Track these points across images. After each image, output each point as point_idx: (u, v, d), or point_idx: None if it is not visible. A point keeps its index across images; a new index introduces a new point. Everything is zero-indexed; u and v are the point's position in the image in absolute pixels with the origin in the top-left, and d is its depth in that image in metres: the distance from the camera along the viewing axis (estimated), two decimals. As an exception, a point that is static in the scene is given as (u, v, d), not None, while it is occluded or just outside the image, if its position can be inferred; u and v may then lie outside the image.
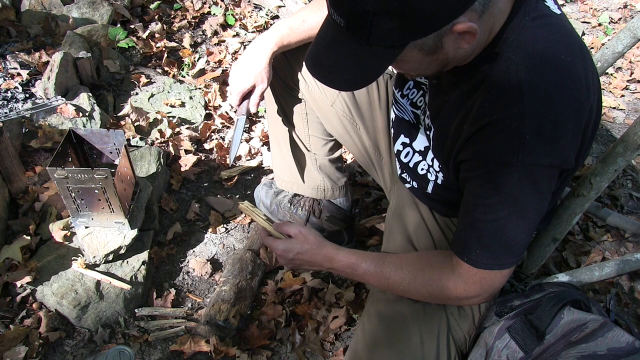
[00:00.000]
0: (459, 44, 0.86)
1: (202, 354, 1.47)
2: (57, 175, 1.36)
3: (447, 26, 0.80)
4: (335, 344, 1.54)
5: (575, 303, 1.08)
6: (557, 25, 0.93)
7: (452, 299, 1.05)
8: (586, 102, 0.91)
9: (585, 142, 0.97)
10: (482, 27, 0.85)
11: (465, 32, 0.82)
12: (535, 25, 0.89)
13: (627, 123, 2.73)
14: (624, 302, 1.76)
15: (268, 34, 1.31)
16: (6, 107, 1.89)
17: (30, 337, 1.40)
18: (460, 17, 0.80)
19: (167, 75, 2.47)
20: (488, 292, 1.02)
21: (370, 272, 1.10)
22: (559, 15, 0.94)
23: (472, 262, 0.98)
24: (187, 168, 2.01)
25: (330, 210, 1.72)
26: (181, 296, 1.61)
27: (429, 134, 1.12)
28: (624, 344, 0.97)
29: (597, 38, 3.42)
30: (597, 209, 1.81)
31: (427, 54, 0.87)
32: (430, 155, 1.15)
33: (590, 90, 0.92)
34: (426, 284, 1.05)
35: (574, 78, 0.89)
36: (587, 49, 0.97)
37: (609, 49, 1.60)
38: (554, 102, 0.87)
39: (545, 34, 0.90)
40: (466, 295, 1.02)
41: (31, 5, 2.39)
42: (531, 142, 0.87)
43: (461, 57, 0.92)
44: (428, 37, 0.82)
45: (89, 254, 1.49)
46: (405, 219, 1.30)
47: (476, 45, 0.89)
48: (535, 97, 0.87)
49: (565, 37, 0.92)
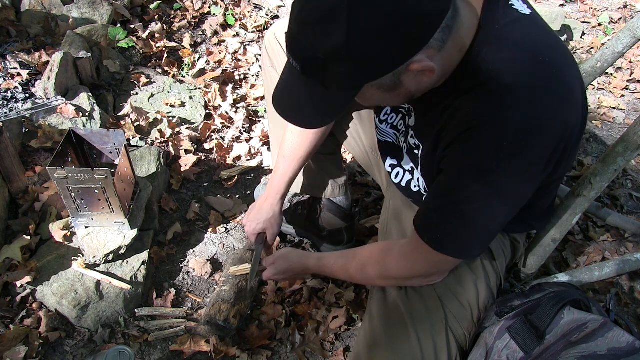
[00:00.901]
0: (419, 79, 0.87)
1: (202, 354, 1.47)
2: (57, 175, 1.36)
3: (402, 66, 0.81)
4: (335, 344, 1.54)
5: (575, 303, 1.08)
6: (529, 26, 0.92)
7: (402, 273, 1.11)
8: (569, 101, 0.90)
9: (572, 143, 0.96)
10: (445, 57, 0.86)
11: (423, 69, 0.83)
12: (506, 31, 0.89)
13: (627, 123, 2.73)
14: (624, 302, 1.76)
15: (269, 189, 1.49)
16: (6, 107, 1.89)
17: (30, 337, 1.40)
18: (416, 56, 0.81)
19: (167, 75, 2.47)
20: (438, 273, 1.09)
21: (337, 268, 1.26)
22: (529, 16, 0.94)
23: (432, 243, 1.00)
24: (187, 168, 2.01)
25: (330, 209, 1.72)
26: (181, 296, 1.61)
27: (417, 153, 1.11)
28: (624, 344, 0.97)
29: (597, 38, 3.42)
30: (597, 209, 1.80)
31: (386, 91, 0.88)
32: (417, 174, 1.15)
33: (573, 89, 0.91)
34: (375, 264, 1.14)
35: (548, 82, 0.88)
36: (562, 44, 0.97)
37: (609, 49, 1.60)
38: (535, 106, 0.87)
39: (518, 37, 0.90)
40: (417, 273, 1.08)
41: (31, 5, 2.39)
42: (509, 149, 0.87)
43: (427, 87, 0.93)
44: (384, 77, 0.83)
45: (89, 254, 1.49)
46: (403, 219, 1.29)
47: (446, 69, 0.90)
48: (516, 104, 0.86)
49: (537, 38, 0.92)
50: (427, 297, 1.13)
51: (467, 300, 1.14)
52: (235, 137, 2.23)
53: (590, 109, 2.81)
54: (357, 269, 1.21)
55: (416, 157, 1.12)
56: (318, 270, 1.34)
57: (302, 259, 1.37)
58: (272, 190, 1.48)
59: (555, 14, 3.12)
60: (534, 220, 1.25)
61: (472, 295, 1.15)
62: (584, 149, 2.48)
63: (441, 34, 0.81)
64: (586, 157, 2.41)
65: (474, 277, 1.16)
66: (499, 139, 0.87)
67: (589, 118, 2.72)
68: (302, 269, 1.37)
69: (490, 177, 0.90)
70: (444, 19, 0.80)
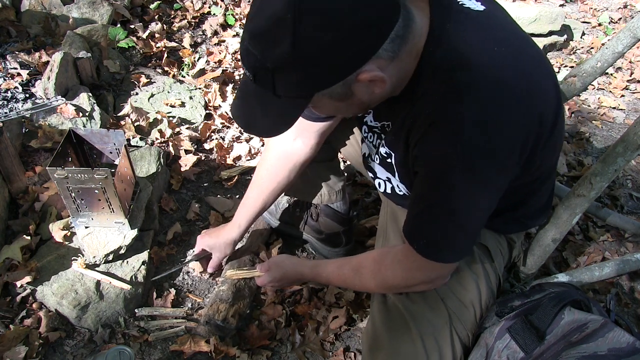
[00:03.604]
0: (370, 89, 0.88)
1: (202, 354, 1.47)
2: (57, 175, 1.36)
3: (352, 76, 0.83)
4: (335, 344, 1.54)
5: (575, 303, 1.08)
6: (481, 23, 0.93)
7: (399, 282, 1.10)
8: (528, 92, 0.90)
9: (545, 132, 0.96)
10: (400, 66, 0.88)
11: (372, 79, 0.84)
12: (457, 30, 0.90)
13: (627, 123, 2.73)
14: (624, 302, 1.76)
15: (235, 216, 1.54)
16: (6, 107, 1.89)
17: (30, 337, 1.40)
18: (365, 66, 0.82)
19: (167, 75, 2.47)
20: (436, 281, 1.09)
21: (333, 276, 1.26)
22: (483, 12, 0.94)
23: (424, 253, 1.00)
24: (187, 168, 2.01)
25: (327, 214, 1.72)
26: (181, 296, 1.61)
27: (390, 161, 1.12)
28: (625, 344, 0.97)
29: (597, 38, 3.42)
30: (597, 209, 1.81)
31: (338, 100, 0.89)
32: (395, 182, 1.16)
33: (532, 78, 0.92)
34: (372, 275, 1.14)
35: (510, 74, 0.89)
36: (520, 35, 0.98)
37: (609, 49, 1.60)
38: (493, 97, 0.88)
39: (471, 34, 0.91)
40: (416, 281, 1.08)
41: (31, 5, 2.39)
42: (472, 143, 0.87)
43: (382, 97, 0.94)
44: (334, 86, 0.84)
45: (89, 254, 1.49)
46: (399, 221, 1.29)
47: (402, 76, 0.91)
48: (474, 99, 0.87)
49: (491, 32, 0.93)
50: (430, 299, 1.13)
51: (470, 301, 1.14)
52: (235, 137, 2.23)
53: (590, 109, 2.81)
54: (354, 279, 1.21)
55: (390, 165, 1.12)
56: (312, 278, 1.35)
57: (297, 267, 1.37)
58: (235, 220, 1.53)
59: (555, 14, 3.12)
60: (528, 219, 1.25)
61: (475, 296, 1.15)
62: (584, 149, 2.48)
63: (391, 45, 0.82)
64: (586, 157, 2.41)
65: (475, 277, 1.16)
66: (459, 132, 0.87)
67: (589, 118, 2.72)
68: (297, 277, 1.38)
69: (457, 170, 0.91)
70: (393, 30, 0.81)
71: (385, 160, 1.14)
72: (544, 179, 1.13)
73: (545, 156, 1.03)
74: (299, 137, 1.36)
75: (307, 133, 1.35)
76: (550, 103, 0.96)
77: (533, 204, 1.18)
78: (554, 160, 1.13)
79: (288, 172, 1.42)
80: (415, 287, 1.12)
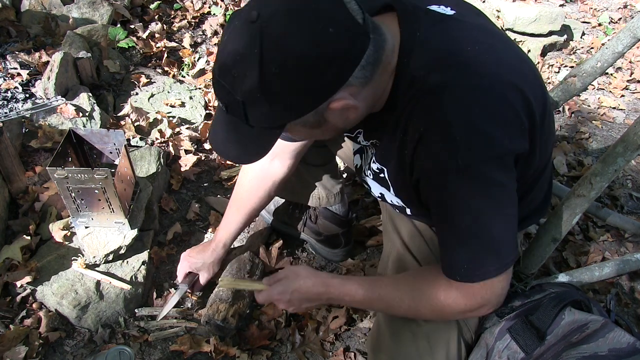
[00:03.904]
0: (344, 116, 0.88)
1: (202, 354, 1.47)
2: (57, 175, 1.36)
3: (323, 105, 0.83)
4: (335, 344, 1.54)
5: (576, 303, 1.08)
6: (452, 26, 0.93)
7: (456, 314, 1.02)
8: (511, 85, 0.89)
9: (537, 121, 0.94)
10: (374, 88, 0.88)
11: (344, 107, 0.84)
12: (427, 36, 0.90)
13: (627, 123, 2.73)
14: (624, 302, 1.76)
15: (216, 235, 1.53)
16: (6, 107, 1.89)
17: (30, 337, 1.40)
18: (336, 94, 0.82)
19: (167, 75, 2.47)
20: (493, 300, 0.99)
21: (369, 297, 1.08)
22: (453, 16, 0.94)
23: (465, 279, 0.95)
24: (187, 168, 2.01)
25: (326, 216, 1.72)
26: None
27: (383, 176, 1.10)
28: (625, 344, 0.97)
29: (597, 38, 3.42)
30: (597, 209, 1.80)
31: (312, 128, 0.90)
32: (390, 196, 1.14)
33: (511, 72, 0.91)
34: (427, 304, 1.02)
35: (485, 66, 0.88)
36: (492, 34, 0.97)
37: (609, 49, 1.60)
38: (473, 95, 0.86)
39: (442, 37, 0.91)
40: (470, 308, 0.99)
41: (31, 5, 2.39)
42: (464, 142, 0.85)
43: (357, 120, 0.94)
44: (306, 115, 0.84)
45: (89, 254, 1.49)
46: (399, 226, 1.28)
47: (378, 96, 0.92)
48: (452, 98, 0.86)
49: (463, 33, 0.93)
50: None
51: None
52: (235, 137, 2.23)
53: (590, 109, 2.81)
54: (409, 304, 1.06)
55: (384, 180, 1.11)
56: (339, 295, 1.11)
57: (322, 278, 1.13)
58: (217, 239, 1.53)
59: (555, 14, 3.12)
60: (526, 218, 1.24)
61: None
62: (584, 149, 2.48)
63: (362, 71, 0.83)
64: (586, 157, 2.41)
65: None
66: (449, 139, 0.86)
67: (589, 118, 2.72)
68: (317, 292, 1.12)
69: (466, 177, 0.88)
70: (363, 57, 0.82)
71: (378, 176, 1.12)
72: (539, 173, 1.11)
73: (542, 146, 1.01)
74: (276, 158, 1.38)
75: (283, 154, 1.37)
76: (535, 91, 0.94)
77: (530, 203, 1.18)
78: (548, 153, 1.11)
79: (267, 192, 1.45)
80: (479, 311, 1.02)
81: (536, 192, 1.16)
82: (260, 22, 0.77)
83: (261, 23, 0.77)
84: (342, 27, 0.79)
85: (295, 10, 0.78)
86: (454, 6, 0.96)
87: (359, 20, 0.81)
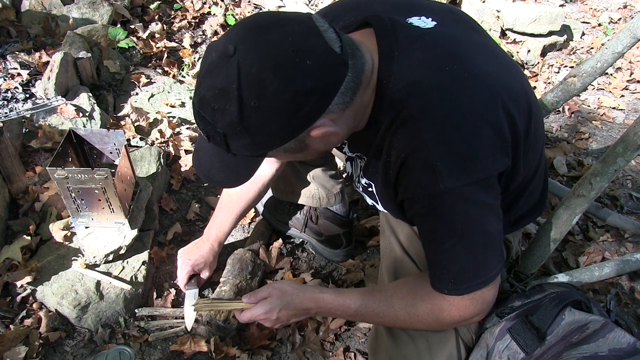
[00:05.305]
0: (325, 140, 0.89)
1: (202, 354, 1.46)
2: (57, 175, 1.36)
3: (303, 133, 0.84)
4: (335, 344, 1.54)
5: (576, 304, 1.08)
6: (431, 42, 0.93)
7: (451, 324, 1.05)
8: (492, 101, 0.89)
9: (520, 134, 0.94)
10: (354, 111, 0.89)
11: (325, 134, 0.85)
12: (406, 54, 0.90)
13: (627, 123, 2.73)
14: (624, 302, 1.76)
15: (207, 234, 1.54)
16: (6, 107, 1.89)
17: (30, 337, 1.40)
18: (316, 122, 0.83)
19: (167, 75, 2.47)
20: (485, 309, 1.02)
21: (362, 312, 1.08)
22: (433, 29, 0.94)
23: (453, 292, 0.97)
24: (187, 168, 2.01)
25: (326, 216, 1.72)
26: (181, 296, 1.61)
27: (372, 191, 1.11)
28: (625, 344, 0.97)
29: (597, 38, 3.42)
30: (597, 209, 1.81)
31: (295, 152, 0.90)
32: (380, 208, 1.15)
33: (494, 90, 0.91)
34: (421, 318, 1.03)
35: (465, 87, 0.88)
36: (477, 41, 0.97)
37: (609, 49, 1.60)
38: (452, 119, 0.87)
39: (420, 56, 0.90)
40: (463, 318, 1.02)
41: (31, 5, 2.39)
42: (445, 167, 0.86)
43: (340, 140, 0.95)
44: (288, 143, 0.85)
45: (89, 254, 1.49)
46: (396, 229, 1.28)
47: (360, 116, 0.92)
48: (431, 122, 0.87)
49: (442, 49, 0.92)
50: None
51: None
52: (235, 137, 2.23)
53: (590, 109, 2.81)
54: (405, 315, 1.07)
55: (372, 194, 1.12)
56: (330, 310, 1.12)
57: (311, 294, 1.12)
58: (209, 236, 1.53)
59: (555, 14, 3.12)
60: (522, 218, 1.24)
61: None
62: (584, 149, 2.48)
63: (342, 97, 0.83)
64: (586, 157, 2.41)
65: None
66: (432, 164, 0.86)
67: (589, 118, 2.72)
68: (308, 307, 1.11)
69: (448, 201, 0.89)
70: (342, 85, 0.82)
71: (367, 190, 1.13)
72: (528, 180, 1.11)
73: (527, 157, 1.01)
74: (264, 162, 1.38)
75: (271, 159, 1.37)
76: (519, 102, 0.94)
77: (524, 204, 1.18)
78: (537, 159, 1.10)
79: (257, 193, 1.49)
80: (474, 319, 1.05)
81: (529, 195, 1.16)
82: (238, 57, 0.77)
83: (238, 58, 0.77)
84: (320, 59, 0.79)
85: (272, 44, 0.78)
86: (435, 16, 0.96)
87: (337, 50, 0.81)
